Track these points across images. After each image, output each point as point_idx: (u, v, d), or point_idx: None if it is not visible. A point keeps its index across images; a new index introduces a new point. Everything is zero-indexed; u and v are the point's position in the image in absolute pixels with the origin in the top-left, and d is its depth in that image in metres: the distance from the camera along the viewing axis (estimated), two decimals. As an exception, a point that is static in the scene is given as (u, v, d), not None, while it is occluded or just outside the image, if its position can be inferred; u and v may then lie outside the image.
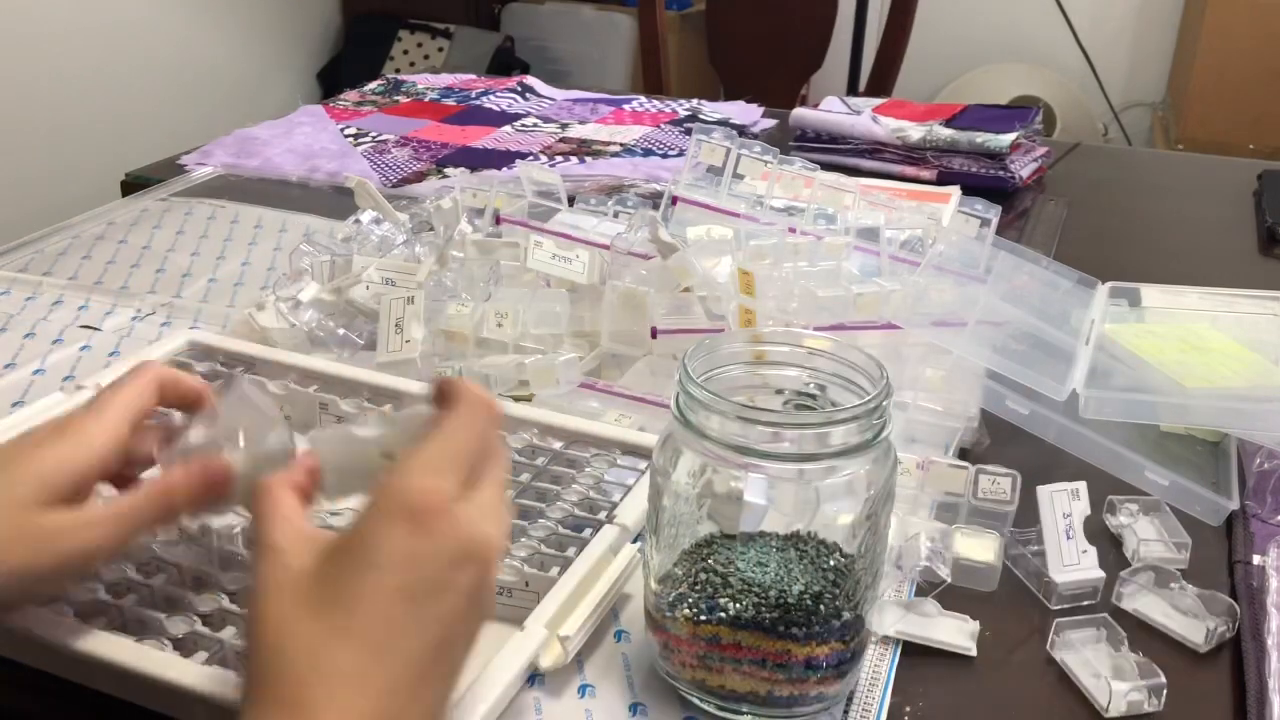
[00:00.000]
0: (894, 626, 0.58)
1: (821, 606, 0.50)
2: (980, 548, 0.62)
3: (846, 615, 0.51)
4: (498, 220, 0.94)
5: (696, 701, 0.54)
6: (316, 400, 0.73)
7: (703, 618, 0.51)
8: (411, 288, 0.80)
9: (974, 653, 0.57)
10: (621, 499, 0.63)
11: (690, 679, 0.53)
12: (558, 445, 0.68)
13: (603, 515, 0.62)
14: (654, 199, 1.08)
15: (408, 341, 0.76)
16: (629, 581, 0.60)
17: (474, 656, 0.48)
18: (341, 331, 0.81)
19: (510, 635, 0.53)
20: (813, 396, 0.53)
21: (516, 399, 0.74)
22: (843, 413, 0.49)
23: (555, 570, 0.57)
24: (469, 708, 0.49)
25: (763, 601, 0.50)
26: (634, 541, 0.61)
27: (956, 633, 0.58)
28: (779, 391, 0.54)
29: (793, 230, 0.90)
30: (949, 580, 0.61)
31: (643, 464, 0.66)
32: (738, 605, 0.50)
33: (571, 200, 0.99)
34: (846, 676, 0.53)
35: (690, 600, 0.52)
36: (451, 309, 0.79)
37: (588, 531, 0.60)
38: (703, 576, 0.52)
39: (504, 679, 0.51)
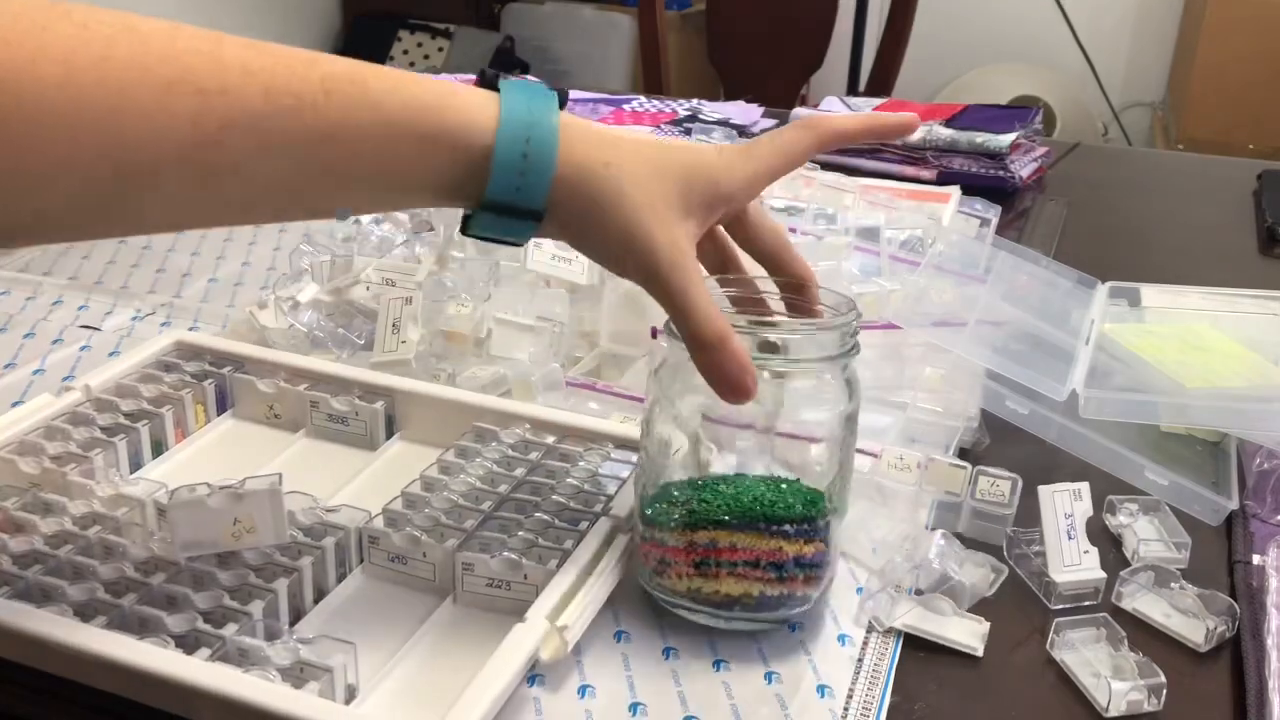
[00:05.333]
0: (903, 619, 0.59)
1: (808, 510, 0.56)
2: (974, 573, 0.62)
3: (830, 517, 0.57)
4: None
5: (686, 615, 0.58)
6: (307, 398, 0.73)
7: (701, 519, 0.56)
8: (410, 288, 0.80)
9: (980, 653, 0.58)
10: (616, 492, 0.64)
11: (685, 589, 0.57)
12: (550, 440, 0.68)
13: (598, 508, 0.62)
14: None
15: (403, 342, 0.77)
16: (626, 573, 0.60)
17: (474, 652, 0.48)
18: (340, 331, 0.82)
19: (510, 628, 0.53)
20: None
21: (517, 399, 0.74)
22: (813, 324, 0.56)
23: (553, 563, 0.57)
24: (471, 702, 0.49)
25: (755, 507, 0.55)
26: (628, 535, 0.61)
27: (967, 633, 0.58)
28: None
29: (793, 230, 0.90)
30: (956, 578, 0.61)
31: (635, 457, 0.66)
32: (731, 511, 0.55)
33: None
34: (823, 579, 0.58)
35: (683, 510, 0.56)
36: (451, 309, 0.79)
37: (583, 524, 0.61)
38: (690, 494, 0.57)
39: (507, 672, 0.51)
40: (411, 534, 0.59)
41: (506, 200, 0.49)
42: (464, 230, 0.53)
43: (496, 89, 0.50)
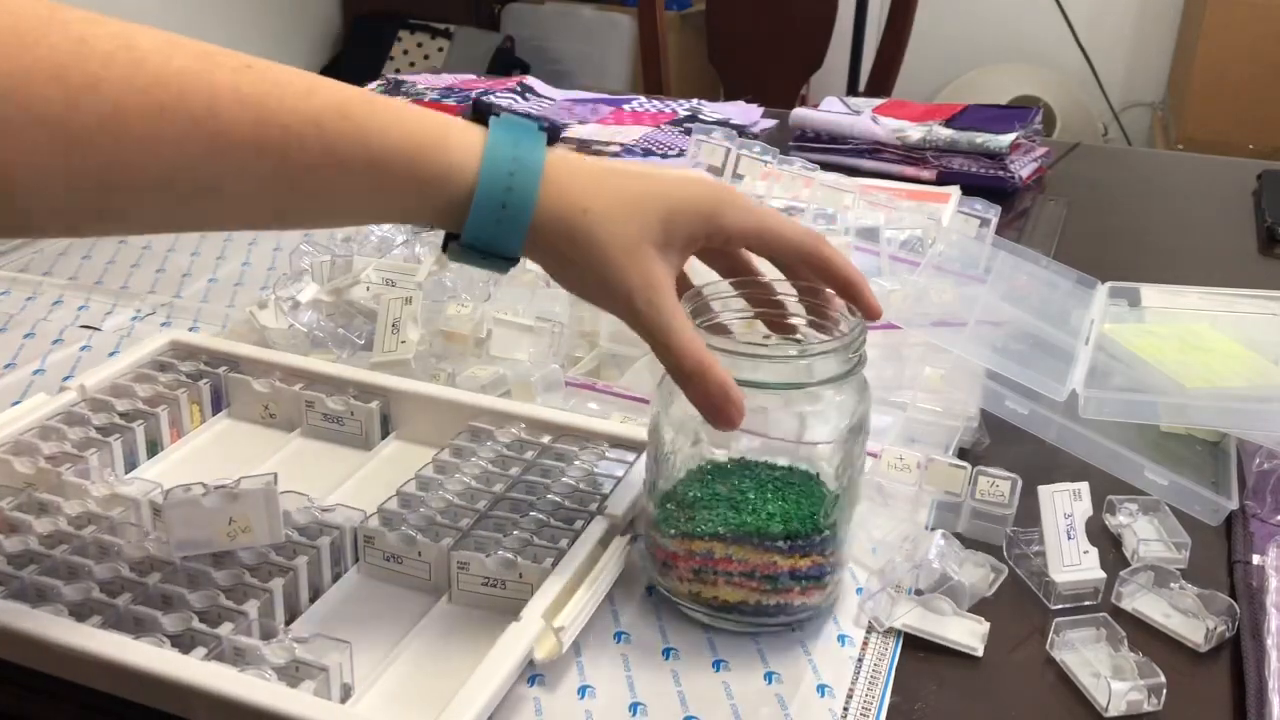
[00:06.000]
0: (903, 619, 0.58)
1: (802, 526, 0.56)
2: (974, 573, 0.62)
3: (826, 532, 0.57)
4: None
5: (689, 613, 0.59)
6: (302, 398, 0.73)
7: (699, 530, 0.57)
8: (410, 288, 0.80)
9: (980, 653, 0.57)
10: (611, 491, 0.63)
11: (686, 593, 0.58)
12: (546, 439, 0.68)
13: (593, 507, 0.62)
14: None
15: (403, 342, 0.76)
16: (625, 573, 0.60)
17: (470, 651, 0.48)
18: (340, 331, 0.81)
19: (506, 627, 0.53)
20: (797, 341, 0.59)
21: (516, 398, 0.74)
22: (822, 345, 0.55)
23: (549, 562, 0.57)
24: (465, 702, 0.49)
25: (748, 520, 0.56)
26: (624, 534, 0.61)
27: (967, 633, 0.58)
28: (766, 336, 0.60)
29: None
30: (956, 578, 0.61)
31: (631, 456, 0.66)
32: (725, 524, 0.56)
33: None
34: (828, 588, 0.58)
35: (683, 519, 0.57)
36: (451, 309, 0.79)
37: (579, 523, 0.61)
38: (693, 496, 0.57)
39: (501, 672, 0.51)
40: (407, 533, 0.59)
41: (483, 244, 0.51)
42: (444, 249, 0.53)
43: (487, 122, 0.51)
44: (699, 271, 0.74)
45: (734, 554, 0.56)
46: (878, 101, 1.43)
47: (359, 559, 0.61)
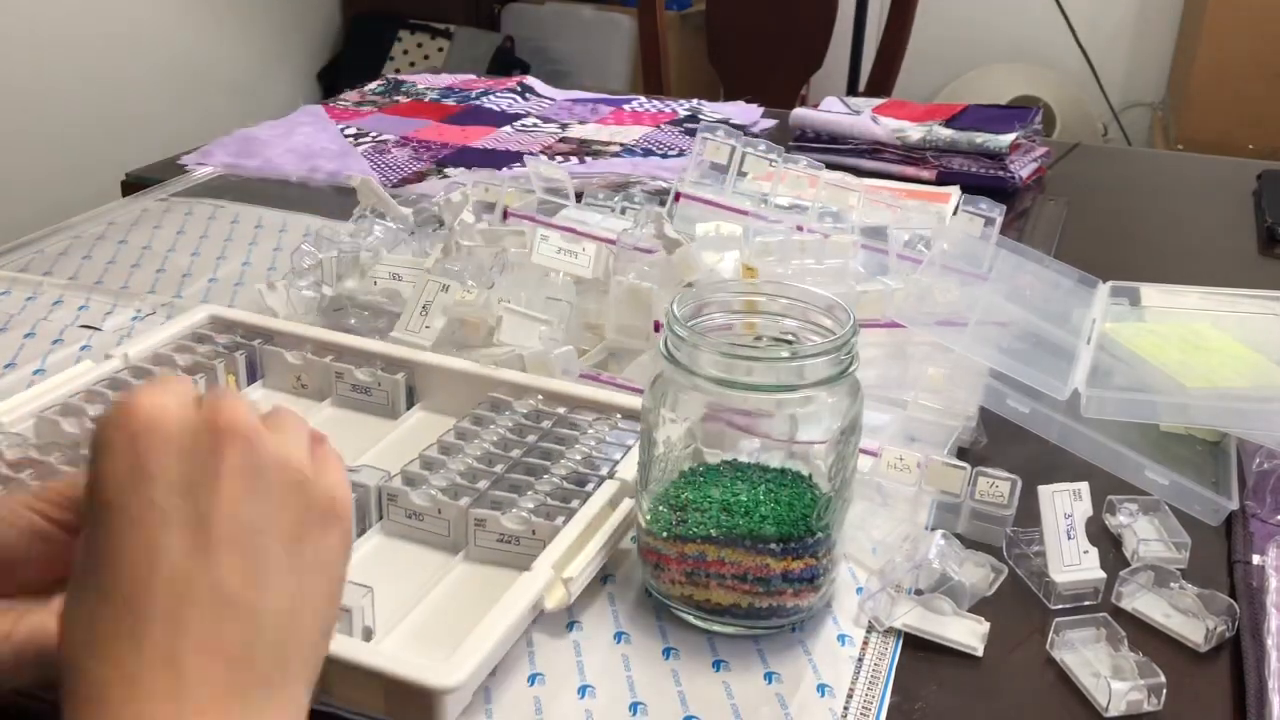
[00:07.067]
0: (903, 619, 0.59)
1: (794, 529, 0.56)
2: (974, 573, 0.62)
3: (819, 534, 0.56)
4: (505, 216, 0.94)
5: (685, 617, 0.59)
6: (333, 369, 0.76)
7: (691, 532, 0.56)
8: (447, 278, 0.80)
9: (980, 653, 0.57)
10: (622, 457, 0.66)
11: (679, 595, 0.58)
12: (562, 410, 0.70)
13: (605, 471, 0.64)
14: (660, 196, 1.08)
15: (427, 327, 0.78)
16: (626, 573, 0.61)
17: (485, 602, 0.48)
18: (351, 323, 0.82)
19: (518, 578, 0.56)
20: (789, 343, 0.58)
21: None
22: (813, 348, 0.54)
23: (560, 520, 0.60)
24: (479, 639, 0.51)
25: (740, 523, 0.56)
26: (633, 496, 0.62)
27: (967, 633, 0.58)
28: (758, 338, 0.59)
29: (800, 228, 0.90)
30: (956, 578, 0.61)
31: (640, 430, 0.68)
32: (718, 527, 0.56)
33: (579, 196, 0.99)
34: (821, 589, 0.58)
35: (675, 521, 0.57)
36: (457, 295, 0.79)
37: (590, 486, 0.63)
38: (685, 498, 0.57)
39: (512, 614, 0.53)
40: (428, 492, 0.62)
41: None
42: None
43: None
44: (700, 270, 0.74)
45: (726, 556, 0.56)
46: (878, 101, 1.43)
47: (383, 517, 0.63)
